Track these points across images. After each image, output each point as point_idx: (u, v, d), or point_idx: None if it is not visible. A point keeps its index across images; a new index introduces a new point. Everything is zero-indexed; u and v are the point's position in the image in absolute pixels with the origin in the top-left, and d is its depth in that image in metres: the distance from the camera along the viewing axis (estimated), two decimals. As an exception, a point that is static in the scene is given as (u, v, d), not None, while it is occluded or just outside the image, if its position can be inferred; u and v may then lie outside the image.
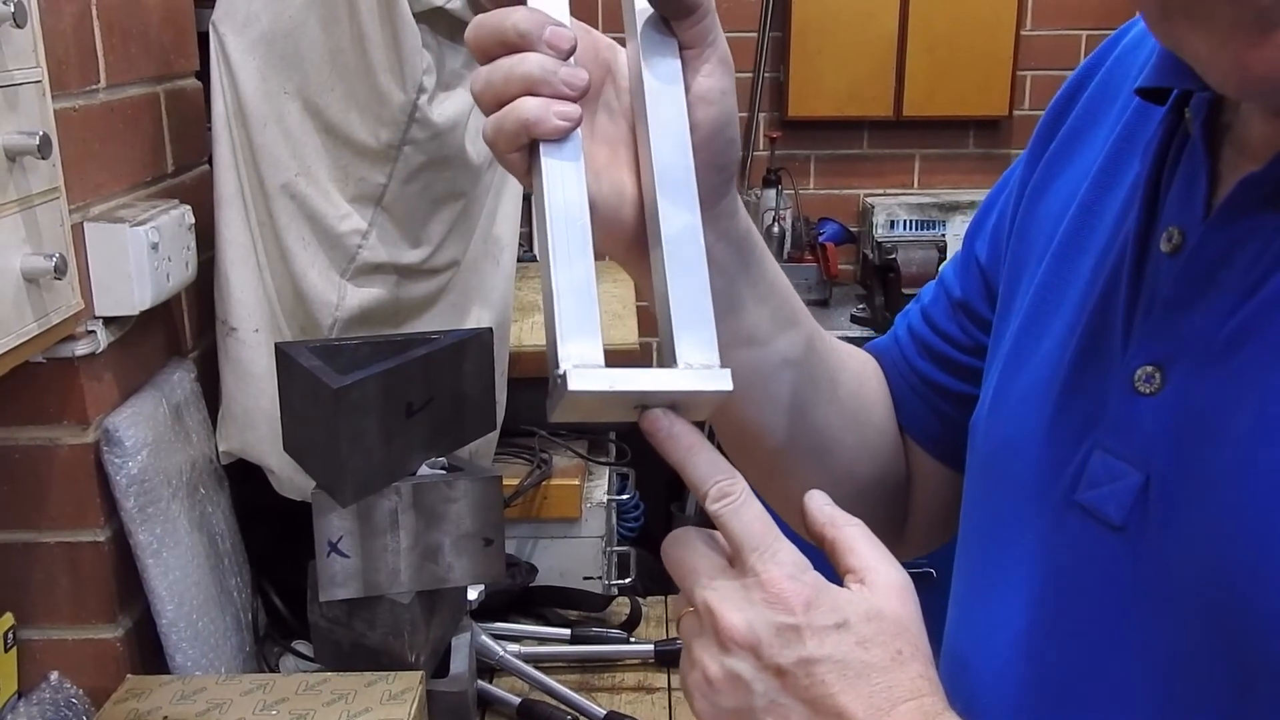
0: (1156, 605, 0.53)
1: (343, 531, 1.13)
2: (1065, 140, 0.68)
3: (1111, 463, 0.55)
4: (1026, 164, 0.71)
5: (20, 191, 0.91)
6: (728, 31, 0.59)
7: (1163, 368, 0.54)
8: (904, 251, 2.64)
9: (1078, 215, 0.63)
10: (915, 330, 0.78)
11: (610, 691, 1.35)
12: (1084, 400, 0.58)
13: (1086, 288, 0.60)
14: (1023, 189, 0.70)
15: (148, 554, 1.13)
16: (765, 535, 0.52)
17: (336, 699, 1.08)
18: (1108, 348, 0.58)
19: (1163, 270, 0.55)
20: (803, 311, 0.72)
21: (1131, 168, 0.61)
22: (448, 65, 1.25)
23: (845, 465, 0.76)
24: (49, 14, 0.99)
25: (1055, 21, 3.05)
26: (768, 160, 3.02)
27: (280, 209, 1.23)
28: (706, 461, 0.53)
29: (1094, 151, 0.65)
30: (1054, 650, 0.58)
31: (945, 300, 0.77)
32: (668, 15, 0.57)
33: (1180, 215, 0.55)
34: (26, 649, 1.12)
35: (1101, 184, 0.63)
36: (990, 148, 3.15)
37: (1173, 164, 0.57)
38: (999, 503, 0.64)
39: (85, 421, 1.09)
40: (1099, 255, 0.61)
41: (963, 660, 0.65)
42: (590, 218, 0.53)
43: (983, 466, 0.67)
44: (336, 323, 1.26)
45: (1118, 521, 0.55)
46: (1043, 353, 0.62)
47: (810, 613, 0.50)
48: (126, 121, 1.15)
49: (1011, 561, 0.61)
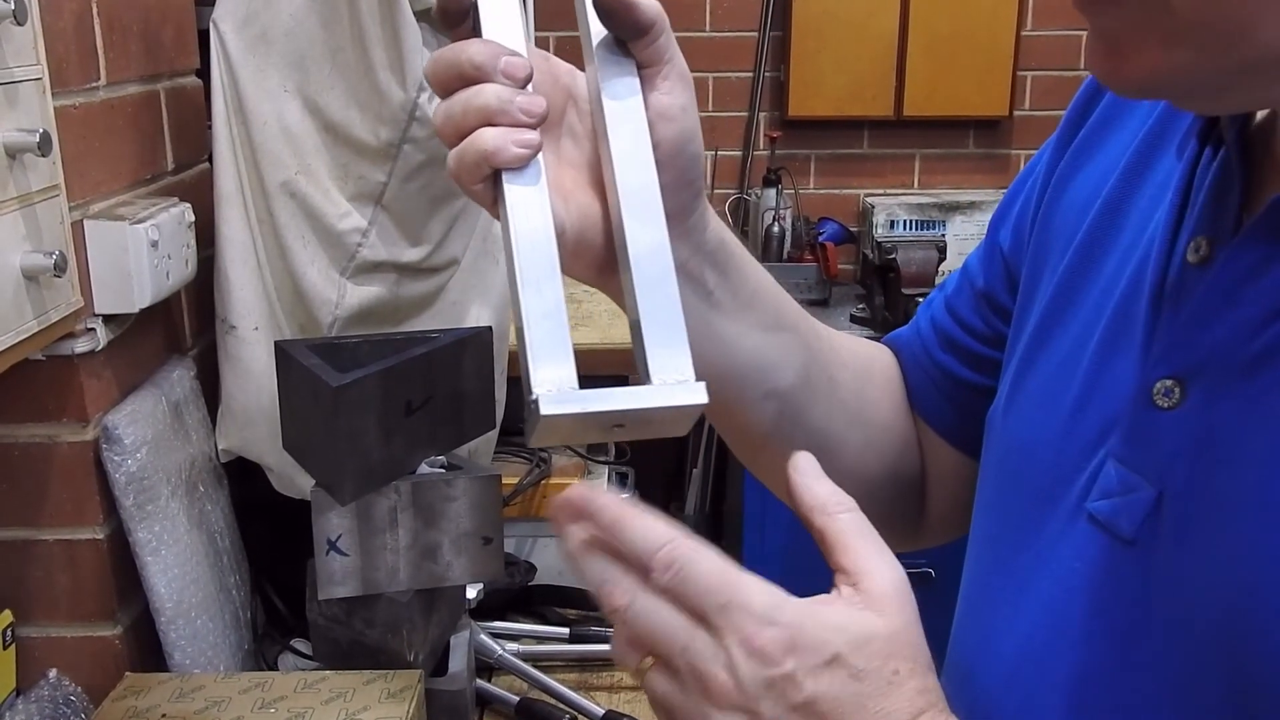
0: (1164, 622, 0.52)
1: (342, 530, 1.13)
2: (1095, 128, 0.67)
3: (1125, 474, 0.55)
4: (1054, 150, 0.70)
5: (20, 189, 0.91)
6: (728, 31, 0.59)
7: (1183, 382, 0.53)
8: (904, 251, 2.64)
9: (1104, 209, 0.62)
10: (938, 322, 0.77)
11: (609, 690, 1.35)
12: (1100, 405, 0.57)
13: (1108, 286, 0.60)
14: (1049, 176, 0.69)
15: (146, 552, 1.13)
16: (724, 586, 0.50)
17: (335, 697, 1.08)
18: (1127, 353, 0.57)
19: (1188, 281, 0.54)
20: (795, 313, 0.71)
21: (1162, 164, 0.60)
22: (448, 64, 1.25)
23: (850, 464, 0.75)
24: (49, 11, 0.99)
25: (1056, 22, 3.05)
26: (768, 160, 3.02)
27: (280, 207, 1.23)
28: (640, 534, 0.51)
29: (1123, 143, 0.64)
30: (1060, 660, 0.57)
31: (969, 290, 0.76)
32: (623, 36, 0.57)
33: (1210, 226, 0.54)
34: (25, 646, 1.12)
35: (1130, 179, 0.62)
36: (990, 148, 3.15)
37: (1205, 170, 0.56)
38: (1010, 505, 0.63)
39: (84, 419, 1.09)
40: (1122, 254, 0.60)
41: (966, 666, 0.64)
42: (558, 242, 0.53)
43: (996, 466, 0.66)
44: (336, 321, 1.26)
45: (1129, 535, 0.54)
46: (1061, 351, 0.62)
47: (796, 655, 0.49)
48: (126, 119, 1.15)
49: (1020, 567, 0.61)
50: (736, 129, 3.08)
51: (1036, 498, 0.60)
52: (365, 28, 1.15)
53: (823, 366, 0.73)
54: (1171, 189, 0.57)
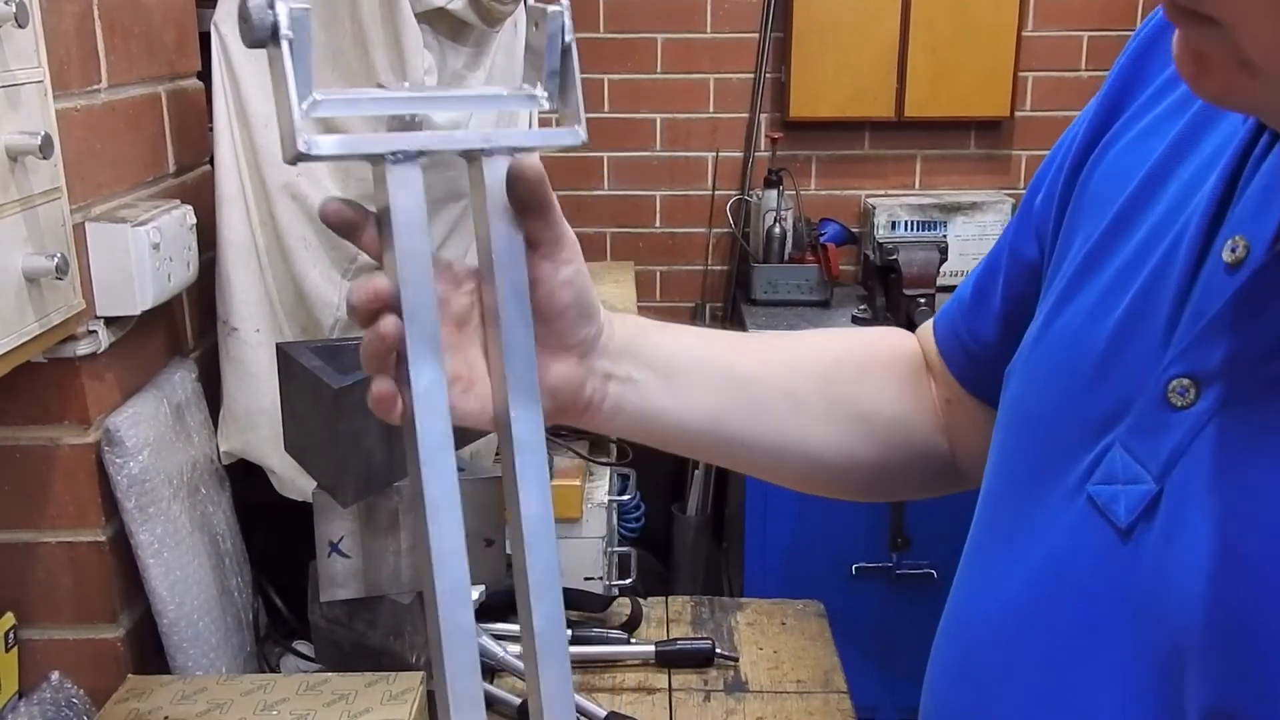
0: (1144, 615, 0.53)
1: (344, 532, 1.13)
2: (1152, 95, 0.65)
3: (1130, 464, 0.55)
4: (1096, 111, 0.68)
5: (22, 191, 0.91)
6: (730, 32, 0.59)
7: (1199, 384, 0.52)
8: (905, 252, 2.64)
9: (1146, 179, 0.61)
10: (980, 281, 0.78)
11: (611, 692, 1.35)
12: (1115, 386, 0.57)
13: (1135, 259, 0.59)
14: (1092, 137, 0.67)
15: (149, 554, 1.13)
16: None
17: (337, 699, 1.08)
18: (1147, 338, 0.56)
19: (1218, 280, 0.53)
20: (725, 356, 0.77)
21: (1211, 139, 0.58)
22: (449, 66, 1.25)
23: (837, 459, 0.79)
24: (51, 14, 0.99)
25: (1057, 23, 3.04)
26: (769, 161, 3.02)
27: (282, 209, 1.23)
28: None
29: (1178, 111, 0.62)
30: (1040, 629, 0.58)
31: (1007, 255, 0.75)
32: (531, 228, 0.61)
33: (1250, 225, 0.53)
34: (27, 649, 1.12)
35: (1178, 149, 0.60)
36: (992, 149, 3.15)
37: (1258, 160, 0.54)
38: (1016, 470, 0.64)
39: (86, 421, 1.09)
40: (1156, 225, 0.58)
41: (960, 615, 0.65)
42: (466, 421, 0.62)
43: (1006, 428, 0.66)
44: (338, 323, 1.26)
45: (1123, 524, 0.54)
46: (1079, 318, 0.61)
47: None
48: (128, 121, 1.15)
49: (1018, 531, 0.61)
50: (738, 130, 3.08)
51: (1042, 467, 0.61)
52: (366, 30, 1.16)
53: (773, 389, 0.77)
54: (1217, 171, 0.56)
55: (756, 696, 1.33)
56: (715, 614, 1.51)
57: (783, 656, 1.41)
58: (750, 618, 1.50)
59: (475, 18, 1.23)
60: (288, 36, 0.52)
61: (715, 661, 1.38)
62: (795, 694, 1.34)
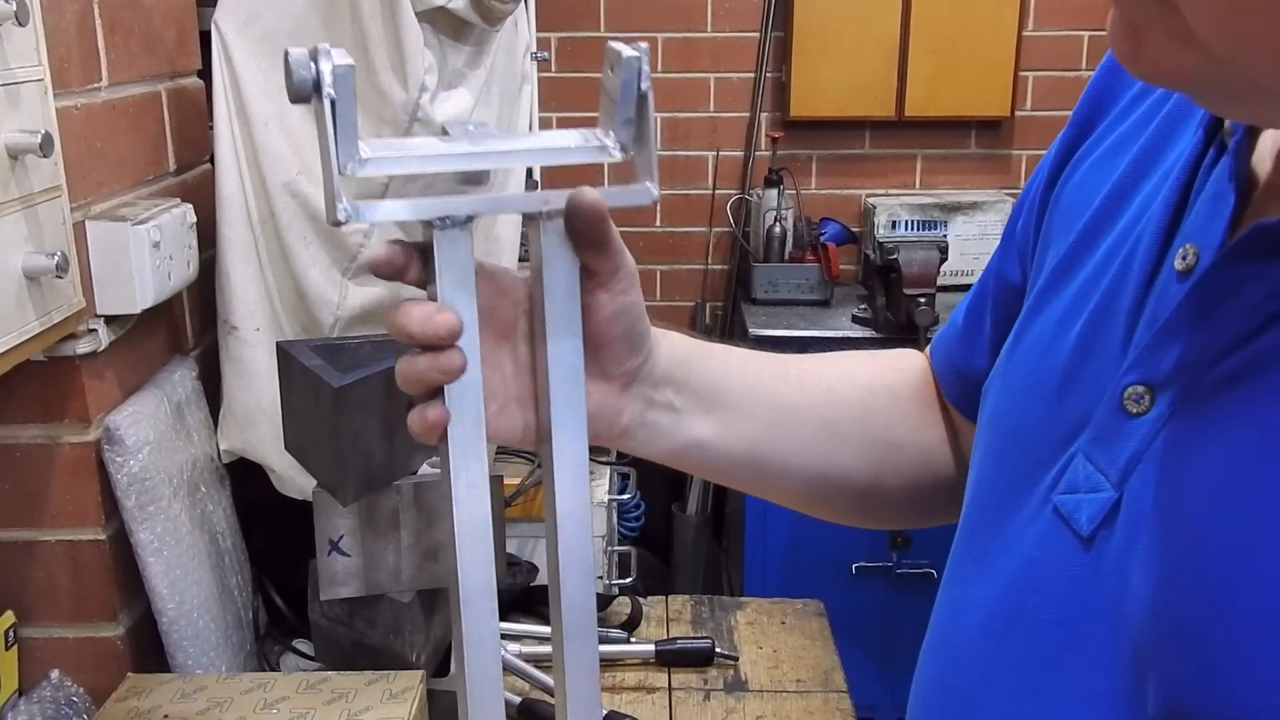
0: (1109, 621, 0.53)
1: (344, 530, 1.13)
2: (1120, 113, 0.66)
3: (1091, 472, 0.56)
4: (1070, 129, 0.70)
5: (22, 190, 0.91)
6: (729, 31, 0.60)
7: (1153, 390, 0.53)
8: (905, 252, 2.63)
9: (1112, 193, 0.62)
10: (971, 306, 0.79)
11: (611, 691, 1.35)
12: (1079, 397, 0.58)
13: (1097, 271, 0.60)
14: (1063, 156, 0.69)
15: (148, 552, 1.13)
16: None
17: (337, 698, 1.08)
18: (1107, 349, 0.57)
19: (1170, 288, 0.54)
20: (768, 383, 0.76)
21: (1171, 154, 0.59)
22: (449, 64, 1.25)
23: (865, 485, 0.79)
24: (51, 12, 0.99)
25: (1057, 22, 3.05)
26: (769, 160, 3.02)
27: (282, 208, 1.23)
28: None
29: (1141, 127, 0.63)
30: (1014, 641, 0.58)
31: (995, 280, 0.76)
32: (586, 253, 0.61)
33: (1200, 233, 0.54)
34: (27, 647, 1.12)
35: (1141, 163, 0.61)
36: (992, 148, 3.15)
37: (1205, 173, 0.55)
38: (991, 483, 0.65)
39: (86, 420, 1.09)
40: (1117, 238, 0.60)
41: (941, 630, 0.66)
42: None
43: (984, 444, 0.68)
44: (338, 321, 1.27)
45: (1085, 532, 0.55)
46: (1047, 333, 0.62)
47: None
48: (128, 120, 1.15)
49: (993, 545, 0.62)
50: (738, 130, 3.08)
51: (1015, 480, 0.61)
52: (367, 29, 1.16)
53: (813, 418, 0.77)
54: (1169, 182, 0.57)
55: (756, 696, 1.33)
56: (715, 613, 1.51)
57: (782, 656, 1.41)
58: (750, 617, 1.50)
59: (476, 16, 1.23)
60: (330, 95, 0.50)
61: (715, 661, 1.38)
62: (795, 693, 1.34)
